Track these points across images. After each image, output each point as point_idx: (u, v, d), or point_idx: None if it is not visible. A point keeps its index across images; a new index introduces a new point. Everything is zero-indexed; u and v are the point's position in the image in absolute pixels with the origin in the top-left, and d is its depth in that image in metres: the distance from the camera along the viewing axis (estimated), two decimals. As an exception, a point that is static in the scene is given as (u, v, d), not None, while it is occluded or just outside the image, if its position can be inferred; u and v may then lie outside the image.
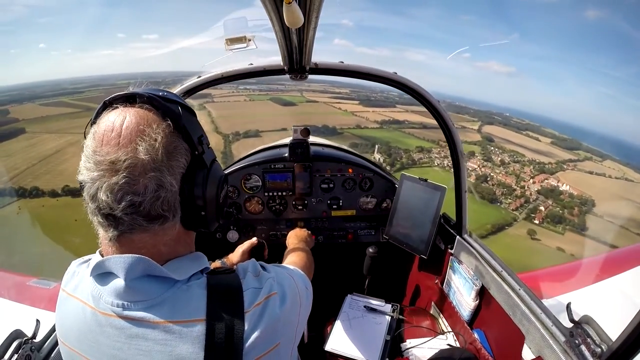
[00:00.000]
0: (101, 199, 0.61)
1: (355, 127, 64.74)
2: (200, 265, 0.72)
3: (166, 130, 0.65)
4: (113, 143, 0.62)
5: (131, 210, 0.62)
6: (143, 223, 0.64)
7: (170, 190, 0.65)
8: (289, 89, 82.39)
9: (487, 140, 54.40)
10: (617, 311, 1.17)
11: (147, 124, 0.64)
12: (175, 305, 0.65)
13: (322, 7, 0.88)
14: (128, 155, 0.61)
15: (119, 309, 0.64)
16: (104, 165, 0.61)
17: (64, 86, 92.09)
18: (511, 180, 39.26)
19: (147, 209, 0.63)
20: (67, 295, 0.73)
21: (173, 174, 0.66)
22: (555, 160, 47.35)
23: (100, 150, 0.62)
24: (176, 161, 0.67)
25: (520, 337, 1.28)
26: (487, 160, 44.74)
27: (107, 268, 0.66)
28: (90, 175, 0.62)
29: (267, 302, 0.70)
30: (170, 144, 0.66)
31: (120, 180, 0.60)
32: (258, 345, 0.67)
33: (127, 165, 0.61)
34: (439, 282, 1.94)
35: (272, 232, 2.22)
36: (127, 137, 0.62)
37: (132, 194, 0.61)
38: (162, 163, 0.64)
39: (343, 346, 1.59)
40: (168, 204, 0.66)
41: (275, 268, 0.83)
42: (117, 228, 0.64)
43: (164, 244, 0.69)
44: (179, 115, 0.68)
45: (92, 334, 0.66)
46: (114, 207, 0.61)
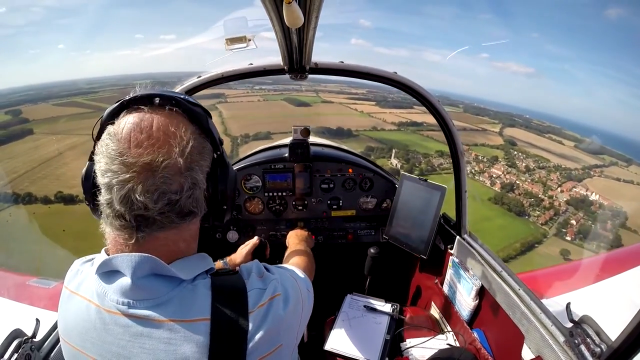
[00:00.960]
0: (137, 200, 0.62)
1: (371, 129, 62.18)
2: (206, 266, 0.73)
3: (195, 133, 0.70)
4: (146, 145, 0.63)
5: (168, 208, 0.65)
6: (175, 220, 0.67)
7: (200, 187, 0.70)
8: (305, 89, 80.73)
9: (510, 144, 52.72)
10: (617, 311, 1.17)
11: (178, 126, 0.67)
12: (180, 304, 0.65)
13: (322, 7, 0.88)
14: (164, 157, 0.63)
15: (124, 307, 0.64)
16: (137, 166, 0.62)
17: (81, 86, 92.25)
18: (538, 189, 37.28)
19: (182, 207, 0.67)
20: (71, 292, 0.73)
21: (203, 172, 0.71)
22: (581, 165, 45.38)
23: (130, 152, 0.62)
24: (205, 161, 0.71)
25: (519, 337, 1.28)
26: (512, 166, 42.89)
27: (113, 266, 0.66)
28: (120, 177, 0.62)
29: (271, 303, 0.71)
30: (200, 145, 0.70)
31: (158, 181, 0.63)
32: (261, 345, 0.67)
33: (164, 166, 0.63)
34: (438, 282, 1.94)
35: (272, 233, 2.22)
36: (160, 138, 0.64)
37: (170, 193, 0.64)
38: (194, 163, 0.68)
39: (343, 346, 1.59)
40: (197, 201, 0.70)
41: (278, 270, 0.84)
42: (147, 227, 0.66)
43: (184, 240, 0.72)
44: (206, 119, 0.73)
45: (96, 332, 0.66)
46: (150, 207, 0.63)
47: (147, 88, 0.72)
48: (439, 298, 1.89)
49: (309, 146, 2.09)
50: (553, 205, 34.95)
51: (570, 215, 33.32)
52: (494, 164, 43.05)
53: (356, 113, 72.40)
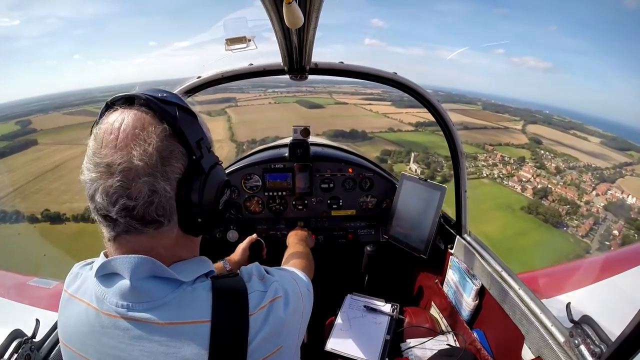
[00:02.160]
0: (97, 201, 0.62)
1: (387, 131, 58.73)
2: (206, 269, 0.72)
3: (162, 134, 0.64)
4: (111, 146, 0.62)
5: (125, 213, 0.62)
6: (137, 226, 0.64)
7: (164, 195, 0.64)
8: (319, 91, 78.64)
9: (536, 142, 50.28)
10: (617, 311, 1.17)
11: (143, 127, 0.63)
12: (180, 306, 0.64)
13: (322, 7, 0.87)
14: (123, 159, 0.61)
15: (123, 310, 0.64)
16: (102, 167, 0.62)
17: (95, 94, 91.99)
18: (572, 194, 34.23)
19: (141, 214, 0.63)
20: (70, 296, 0.73)
21: (168, 179, 0.64)
22: (611, 164, 42.98)
23: (99, 152, 0.63)
24: (171, 166, 0.65)
25: (519, 337, 1.28)
26: (541, 168, 40.25)
27: (112, 269, 0.66)
28: (90, 176, 0.63)
29: (272, 305, 0.71)
30: (165, 149, 0.64)
31: (114, 184, 0.61)
32: (262, 347, 0.67)
33: (121, 169, 0.61)
34: (438, 281, 1.94)
35: (272, 232, 2.22)
36: (123, 140, 0.62)
37: (126, 198, 0.61)
38: (155, 168, 0.63)
39: (343, 346, 1.59)
40: (163, 209, 0.65)
41: (279, 272, 0.83)
42: (114, 229, 0.65)
43: (163, 247, 0.68)
44: (175, 118, 0.66)
45: (95, 335, 0.66)
46: (109, 209, 0.62)
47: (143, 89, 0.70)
48: (439, 298, 1.89)
49: (309, 146, 2.09)
50: (591, 212, 31.89)
51: (610, 224, 30.33)
52: (522, 166, 40.56)
53: (371, 114, 70.12)
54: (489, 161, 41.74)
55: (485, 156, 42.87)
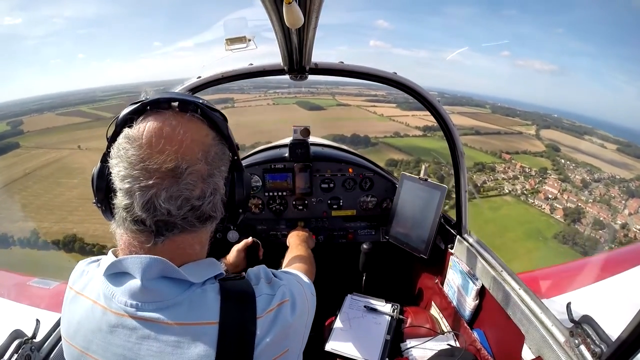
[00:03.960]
0: (161, 206, 0.62)
1: (393, 136, 54.65)
2: (216, 271, 0.72)
3: (216, 138, 0.71)
4: (168, 151, 0.62)
5: (190, 214, 0.66)
6: (197, 224, 0.68)
7: (220, 192, 0.72)
8: (321, 92, 76.10)
9: (554, 149, 47.80)
10: (617, 311, 1.17)
11: (200, 133, 0.68)
12: (190, 307, 0.65)
13: (322, 7, 0.87)
14: (188, 163, 0.64)
15: (132, 309, 0.64)
16: (160, 173, 0.62)
17: (97, 94, 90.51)
18: (605, 214, 31.09)
19: (203, 212, 0.68)
20: (76, 293, 0.72)
21: (223, 178, 0.73)
22: (634, 174, 40.31)
23: (152, 158, 0.62)
24: (224, 166, 0.73)
25: (520, 337, 1.28)
26: (565, 180, 37.37)
27: (123, 268, 0.66)
28: (142, 183, 0.62)
29: (279, 309, 0.71)
30: (220, 151, 0.72)
31: (182, 187, 0.63)
32: (269, 350, 0.67)
33: (188, 173, 0.64)
34: (439, 282, 1.94)
35: (272, 232, 2.22)
36: (183, 144, 0.64)
37: (194, 199, 0.65)
38: (216, 169, 0.70)
39: (343, 346, 1.59)
40: (216, 205, 0.71)
41: (286, 275, 0.84)
42: (168, 231, 0.66)
43: (199, 243, 0.73)
44: (225, 125, 0.74)
45: (102, 334, 0.66)
46: (173, 212, 0.64)
47: (161, 92, 0.71)
48: (439, 298, 1.89)
49: (309, 146, 2.09)
50: (629, 237, 29.28)
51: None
52: (545, 178, 37.70)
53: (375, 116, 66.94)
54: (509, 173, 38.85)
55: (504, 167, 40.20)
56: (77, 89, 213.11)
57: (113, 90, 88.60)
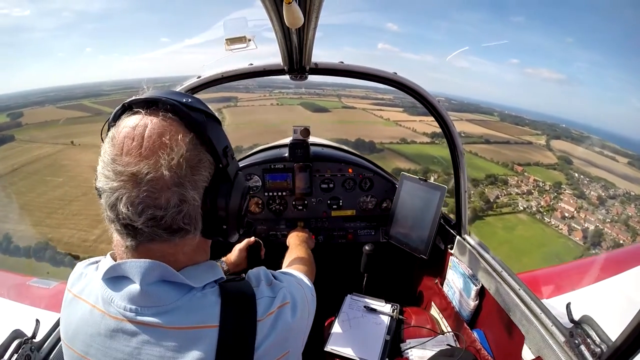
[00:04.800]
0: (121, 210, 0.59)
1: (400, 142, 51.10)
2: (216, 275, 0.71)
3: (190, 143, 0.63)
4: (134, 153, 0.59)
5: (152, 223, 0.61)
6: (164, 235, 0.63)
7: (192, 204, 0.64)
8: (327, 94, 73.07)
9: (566, 162, 45.84)
10: (617, 311, 1.17)
11: (171, 135, 0.61)
12: (189, 311, 0.64)
13: (322, 7, 0.87)
14: (150, 169, 0.59)
15: (131, 314, 0.63)
16: (125, 176, 0.59)
17: (104, 88, 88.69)
18: (624, 236, 29.37)
19: (169, 223, 0.62)
20: (74, 296, 0.72)
21: (196, 188, 0.64)
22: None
23: (120, 160, 0.59)
24: (200, 175, 0.65)
25: (520, 337, 1.28)
26: (581, 197, 35.29)
27: (122, 272, 0.65)
28: (110, 185, 0.60)
29: (280, 311, 0.71)
30: (194, 158, 0.63)
31: (141, 194, 0.59)
32: (269, 353, 0.67)
33: (149, 179, 0.59)
34: (439, 282, 1.94)
35: (272, 232, 2.22)
36: (149, 148, 0.59)
37: (154, 208, 0.60)
38: (185, 178, 0.62)
39: (343, 346, 1.58)
40: (189, 218, 0.64)
41: (286, 277, 0.83)
42: (136, 238, 0.63)
43: (183, 253, 0.69)
44: (205, 127, 0.65)
45: (101, 338, 0.65)
46: (134, 219, 0.60)
47: (161, 90, 0.68)
48: (439, 298, 1.89)
49: (309, 146, 2.09)
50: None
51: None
52: (560, 194, 35.87)
53: (381, 121, 63.80)
54: (522, 187, 36.39)
55: (517, 180, 37.94)
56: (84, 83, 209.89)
57: (119, 85, 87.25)
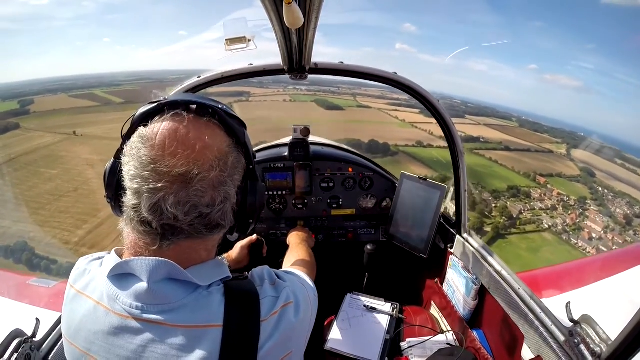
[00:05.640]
0: (167, 210, 0.61)
1: (415, 145, 48.71)
2: (222, 274, 0.72)
3: (232, 146, 0.69)
4: (181, 155, 0.61)
5: (197, 221, 0.65)
6: (204, 232, 0.67)
7: (231, 201, 0.70)
8: (342, 92, 71.69)
9: (589, 174, 43.74)
10: (617, 311, 1.17)
11: (216, 138, 0.66)
12: (195, 309, 0.64)
13: (322, 7, 0.87)
14: (200, 169, 0.62)
15: (137, 312, 0.63)
16: (170, 176, 0.61)
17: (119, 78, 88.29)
18: None
19: (211, 220, 0.66)
20: (77, 292, 0.72)
21: (235, 186, 0.71)
22: None
23: (164, 161, 0.61)
24: (238, 175, 0.71)
25: (519, 337, 1.28)
26: (607, 215, 32.95)
27: (128, 269, 0.65)
28: (151, 185, 0.61)
29: (283, 311, 0.71)
30: (235, 159, 0.70)
31: (191, 193, 0.62)
32: (272, 353, 0.67)
33: (199, 179, 0.62)
34: (438, 281, 1.94)
35: (272, 231, 2.22)
36: (197, 149, 0.62)
37: (202, 207, 0.64)
38: (229, 177, 0.68)
39: (342, 345, 1.59)
40: (225, 214, 0.70)
41: (289, 277, 0.84)
42: (174, 235, 0.65)
43: (206, 249, 0.72)
44: (243, 133, 0.72)
45: (104, 335, 0.65)
46: (180, 218, 0.62)
47: (180, 94, 0.71)
48: (439, 298, 1.90)
49: (309, 145, 2.09)
50: None
51: None
52: (585, 210, 33.25)
53: (396, 122, 61.77)
54: (546, 201, 34.61)
55: (540, 193, 35.81)
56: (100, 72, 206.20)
57: (134, 76, 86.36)
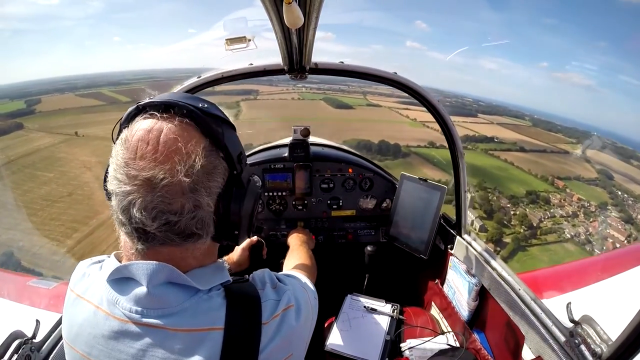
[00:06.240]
0: (134, 215, 0.59)
1: (428, 146, 45.92)
2: (223, 278, 0.71)
3: (206, 150, 0.63)
4: (149, 158, 0.59)
5: (166, 228, 0.61)
6: (176, 240, 0.63)
7: (206, 210, 0.64)
8: (352, 90, 69.78)
9: (607, 177, 41.77)
10: (617, 311, 1.17)
11: (187, 141, 0.61)
12: (195, 313, 0.64)
13: (322, 7, 0.88)
14: (166, 174, 0.58)
15: (137, 316, 0.62)
16: (138, 180, 0.59)
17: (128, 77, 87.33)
18: None
19: (182, 228, 0.62)
20: (77, 296, 0.71)
21: (210, 194, 0.64)
22: None
23: (134, 164, 0.59)
24: (214, 181, 0.65)
25: (520, 337, 1.28)
26: (628, 222, 30.58)
27: (128, 274, 0.65)
28: (122, 188, 0.60)
29: (284, 314, 0.71)
30: (209, 164, 0.63)
31: (156, 199, 0.59)
32: (273, 356, 0.67)
33: (164, 185, 0.58)
34: (439, 282, 1.94)
35: (272, 232, 2.21)
36: (164, 153, 0.59)
37: (168, 213, 0.60)
38: (200, 184, 0.62)
39: (343, 346, 1.58)
40: (202, 223, 0.64)
41: (290, 280, 0.84)
42: (148, 241, 0.63)
43: (194, 257, 0.68)
44: (221, 134, 0.66)
45: (104, 339, 0.64)
46: (147, 223, 0.60)
47: (165, 95, 0.68)
48: (439, 298, 1.89)
49: (309, 146, 2.09)
50: None
51: None
52: (607, 217, 30.99)
53: (407, 121, 59.21)
54: (566, 207, 32.35)
55: (559, 198, 33.57)
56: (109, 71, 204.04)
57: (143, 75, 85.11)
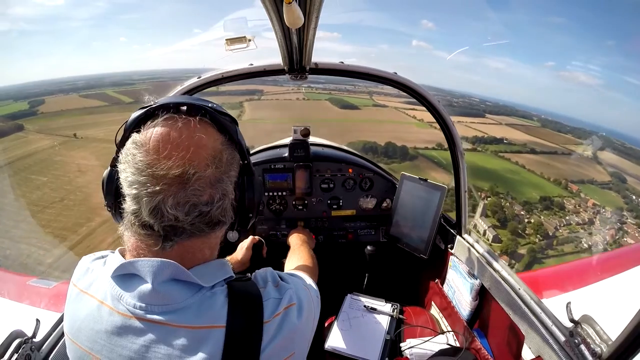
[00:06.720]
0: (167, 212, 0.62)
1: (436, 147, 44.79)
2: (226, 274, 0.73)
3: (225, 143, 0.70)
4: (176, 156, 0.62)
5: (198, 220, 0.65)
6: (205, 229, 0.68)
7: (229, 197, 0.71)
8: (359, 90, 69.65)
9: (619, 180, 40.61)
10: (617, 311, 1.17)
11: (208, 137, 0.67)
12: (199, 310, 0.65)
13: (322, 7, 0.88)
14: (195, 169, 0.63)
15: (141, 312, 0.63)
16: (167, 179, 0.61)
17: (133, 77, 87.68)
18: None
19: (212, 217, 0.67)
20: (80, 291, 0.72)
21: (232, 182, 0.72)
22: None
23: (160, 164, 0.61)
24: (234, 171, 0.72)
25: (520, 337, 1.28)
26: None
27: (133, 270, 0.65)
28: (150, 189, 0.62)
29: (286, 313, 0.72)
30: (229, 156, 0.71)
31: (189, 193, 0.63)
32: (275, 354, 0.68)
33: (196, 179, 0.63)
34: (439, 282, 1.94)
35: (272, 232, 2.22)
36: (190, 150, 0.63)
37: (202, 205, 0.65)
38: (225, 174, 0.69)
39: (343, 345, 1.58)
40: (225, 211, 0.71)
41: (292, 278, 0.84)
42: (176, 236, 0.66)
43: (209, 247, 0.73)
44: (235, 129, 0.73)
45: (107, 335, 0.65)
46: (181, 218, 0.63)
47: (171, 97, 0.72)
48: (439, 298, 1.89)
49: (309, 146, 2.09)
50: None
51: None
52: (624, 223, 29.89)
53: (414, 122, 58.05)
54: (582, 213, 31.33)
55: (574, 203, 32.72)
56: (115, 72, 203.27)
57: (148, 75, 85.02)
